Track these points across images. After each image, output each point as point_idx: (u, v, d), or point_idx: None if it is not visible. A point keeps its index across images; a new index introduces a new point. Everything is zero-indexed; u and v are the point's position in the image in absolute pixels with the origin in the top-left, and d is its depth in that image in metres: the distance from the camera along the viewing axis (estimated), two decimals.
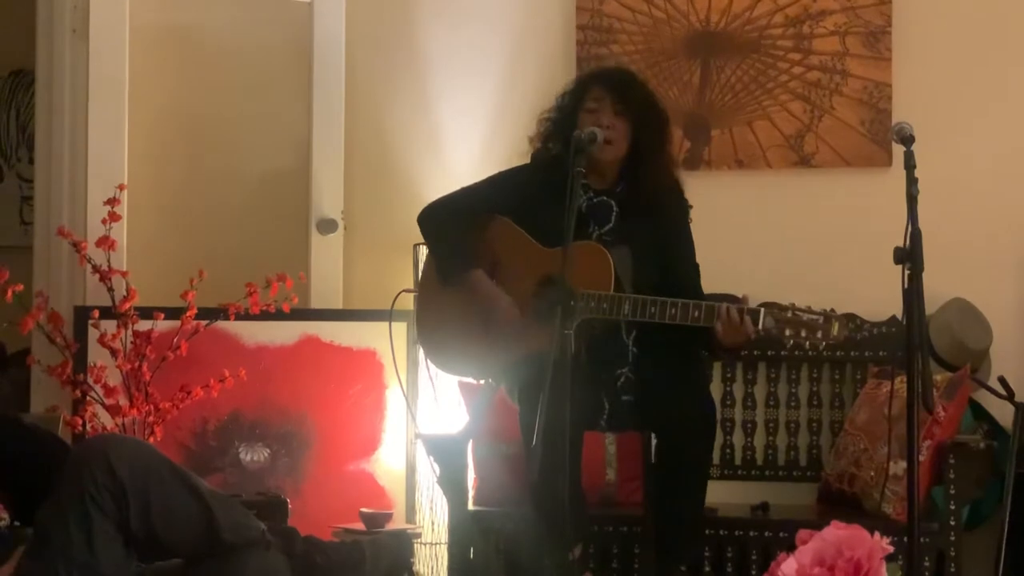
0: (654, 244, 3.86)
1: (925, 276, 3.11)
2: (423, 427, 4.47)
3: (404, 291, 4.28)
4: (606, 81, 3.92)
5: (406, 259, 4.65)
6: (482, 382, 4.15)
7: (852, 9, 4.65)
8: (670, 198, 3.93)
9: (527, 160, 4.03)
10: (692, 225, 3.98)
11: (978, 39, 4.63)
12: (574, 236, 3.33)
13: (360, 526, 4.30)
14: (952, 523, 3.86)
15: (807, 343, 3.57)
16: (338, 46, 4.88)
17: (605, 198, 3.89)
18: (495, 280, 3.87)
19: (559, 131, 3.91)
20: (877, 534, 1.70)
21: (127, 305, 4.40)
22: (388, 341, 4.26)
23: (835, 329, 3.55)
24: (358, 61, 4.92)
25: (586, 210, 3.83)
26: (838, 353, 4.43)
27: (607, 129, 3.78)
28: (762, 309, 3.59)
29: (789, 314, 3.56)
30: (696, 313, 3.62)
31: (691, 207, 3.97)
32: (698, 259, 3.96)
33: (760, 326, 3.58)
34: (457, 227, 3.92)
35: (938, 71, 4.64)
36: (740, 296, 3.70)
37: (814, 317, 3.56)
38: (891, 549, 1.68)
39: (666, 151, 3.95)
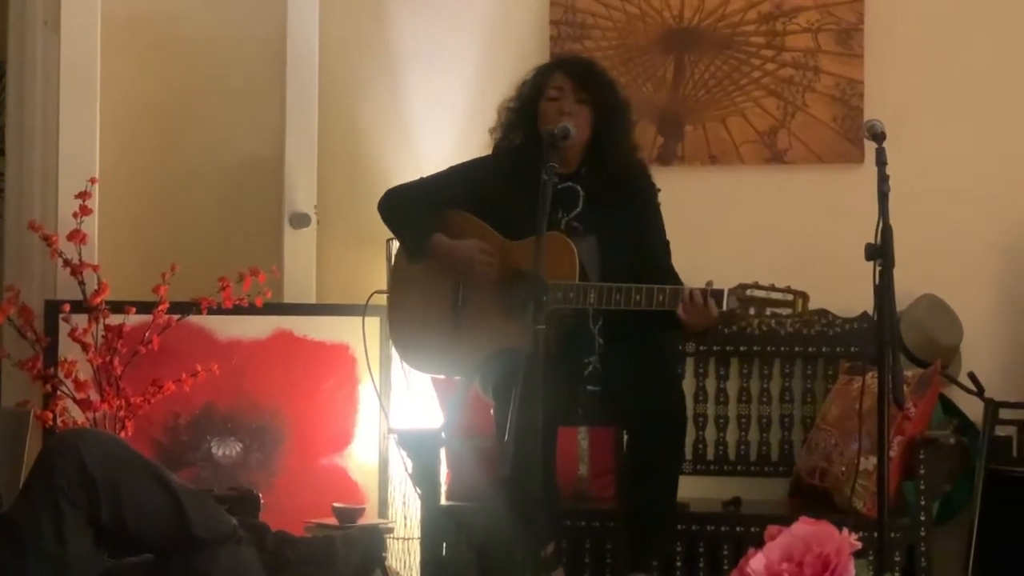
0: (622, 225, 3.87)
1: (896, 272, 3.13)
2: (396, 422, 4.47)
3: (376, 292, 4.28)
4: (567, 69, 3.94)
5: (379, 254, 4.65)
6: (456, 378, 4.15)
7: (824, 6, 4.67)
8: (635, 177, 3.95)
9: (492, 151, 4.05)
10: (665, 218, 3.99)
11: (949, 37, 4.65)
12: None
13: (332, 521, 4.29)
14: (923, 518, 3.88)
15: (773, 322, 3.59)
16: (312, 39, 4.86)
17: (571, 183, 3.90)
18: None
19: (520, 121, 3.93)
20: (846, 530, 1.71)
21: (98, 299, 4.39)
22: (361, 335, 4.26)
23: (799, 306, 3.57)
24: (332, 55, 4.91)
25: (553, 197, 3.83)
26: (810, 348, 4.45)
27: (568, 116, 3.79)
28: (725, 289, 3.61)
29: (752, 292, 3.58)
30: (661, 297, 3.62)
31: (659, 190, 3.98)
32: (671, 253, 3.97)
33: (724, 306, 3.59)
34: (417, 207, 3.94)
35: (910, 68, 4.66)
36: (706, 282, 3.71)
37: (778, 295, 3.57)
38: (859, 545, 1.69)
39: (628, 137, 3.96)
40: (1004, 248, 4.57)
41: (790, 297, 3.57)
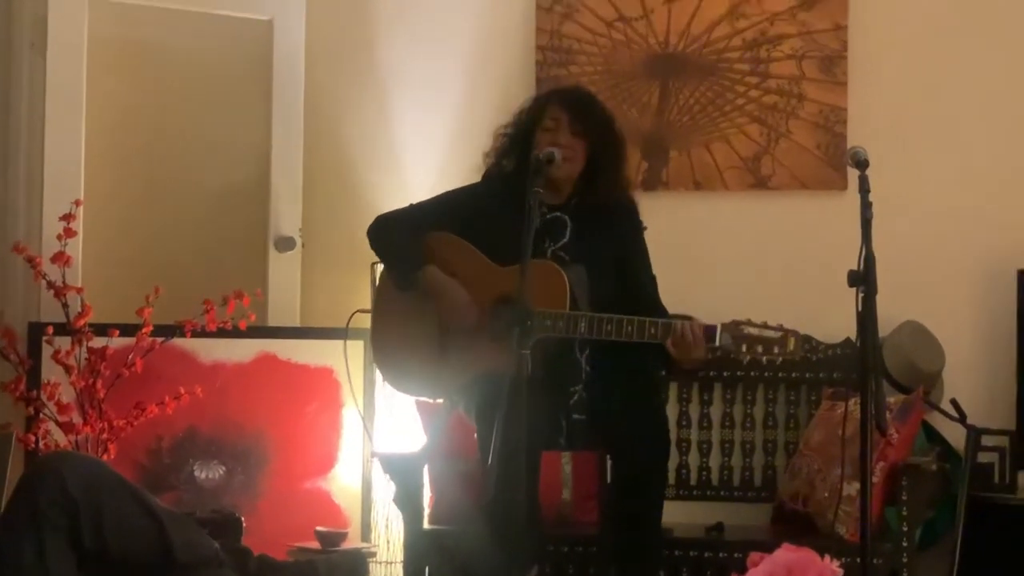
0: (610, 258, 3.88)
1: (879, 299, 3.14)
2: (379, 445, 4.47)
3: (359, 311, 4.28)
4: (564, 101, 3.94)
5: (364, 277, 4.65)
6: (439, 401, 4.15)
7: (808, 34, 4.69)
8: (623, 211, 3.96)
9: (481, 177, 4.05)
10: (649, 244, 4.00)
11: (932, 65, 4.68)
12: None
13: (315, 545, 4.28)
14: (905, 544, 3.89)
15: (764, 359, 3.60)
16: (298, 64, 4.87)
17: (559, 213, 3.91)
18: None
19: (514, 148, 3.94)
20: (827, 557, 1.71)
21: (82, 321, 4.38)
22: (345, 358, 4.26)
23: (791, 345, 3.58)
24: (318, 79, 4.92)
25: (540, 226, 3.83)
26: (793, 374, 4.47)
27: (564, 148, 3.80)
28: (718, 326, 3.61)
29: (745, 330, 3.58)
30: (652, 330, 3.63)
31: (645, 228, 3.99)
32: (655, 279, 3.99)
33: (717, 343, 3.60)
34: (406, 235, 3.94)
35: (893, 96, 4.69)
36: (687, 317, 3.71)
37: (770, 333, 3.58)
38: (840, 572, 1.69)
39: (621, 171, 3.97)
40: (986, 275, 4.59)
41: (782, 335, 3.58)
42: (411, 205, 4.05)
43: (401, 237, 3.95)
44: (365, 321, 4.22)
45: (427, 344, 3.89)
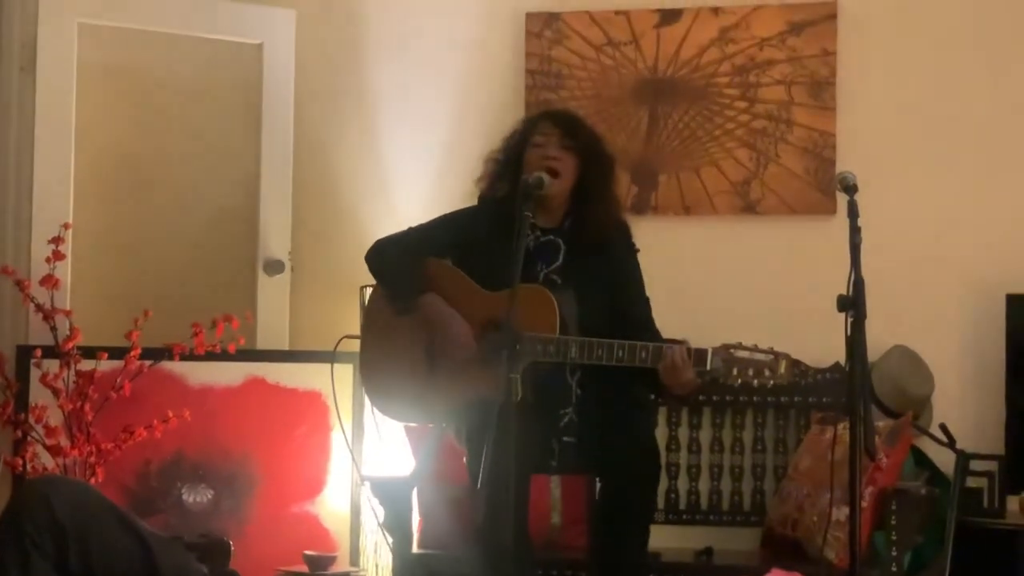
0: (602, 281, 3.87)
1: (868, 324, 3.15)
2: (368, 469, 4.46)
3: (346, 337, 4.28)
4: (553, 117, 3.96)
5: (353, 301, 4.65)
6: (429, 425, 4.14)
7: (797, 59, 4.71)
8: (616, 234, 3.96)
9: (475, 202, 4.05)
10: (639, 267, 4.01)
11: (921, 90, 4.70)
12: (521, 276, 3.34)
13: (304, 569, 4.27)
14: (894, 569, 3.88)
15: (755, 382, 3.60)
16: (287, 88, 4.89)
17: (552, 237, 3.91)
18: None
19: (506, 171, 3.94)
20: None
21: (70, 345, 4.37)
22: (333, 382, 4.26)
23: (782, 368, 3.58)
24: (307, 103, 4.93)
25: (533, 249, 3.84)
26: (782, 399, 4.47)
27: (554, 160, 3.81)
28: (709, 349, 3.62)
29: (736, 353, 3.59)
30: (643, 355, 3.63)
31: (638, 250, 3.99)
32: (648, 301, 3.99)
33: (708, 366, 3.60)
34: (405, 259, 3.94)
35: (882, 121, 4.70)
36: (680, 340, 3.71)
37: (761, 356, 3.59)
38: None
39: (612, 190, 3.97)
40: (975, 300, 4.60)
41: (772, 358, 3.58)
42: (409, 229, 4.04)
43: (400, 263, 3.94)
44: (353, 346, 4.21)
45: (415, 369, 3.89)
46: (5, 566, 2.82)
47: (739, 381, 3.62)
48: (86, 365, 4.39)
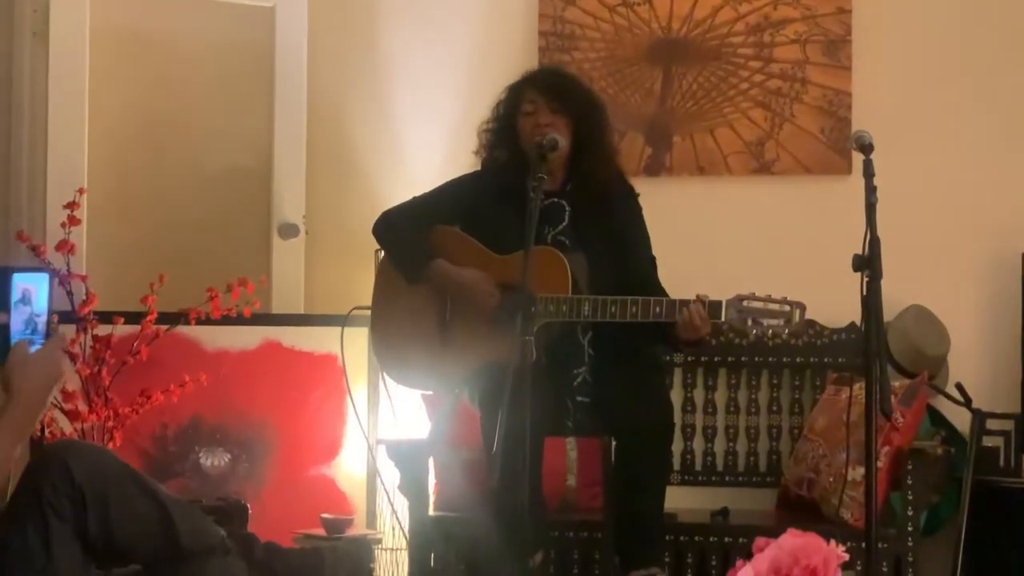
0: (608, 241, 3.88)
1: (883, 283, 3.14)
2: (384, 433, 4.47)
3: (356, 308, 4.28)
4: (537, 83, 3.96)
5: (368, 264, 4.64)
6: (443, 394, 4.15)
7: (812, 18, 4.69)
8: (619, 191, 3.96)
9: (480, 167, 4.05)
10: (652, 228, 4.00)
11: (936, 48, 4.67)
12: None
13: (321, 532, 4.29)
14: (910, 528, 3.89)
15: (770, 333, 3.60)
16: (300, 51, 4.87)
17: (556, 199, 3.90)
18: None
19: (502, 139, 3.94)
20: (833, 542, 1.71)
21: (86, 309, 4.38)
22: (346, 347, 4.26)
23: (796, 318, 3.59)
24: (320, 66, 4.92)
25: (539, 212, 3.83)
26: (798, 359, 4.47)
27: (547, 127, 3.80)
28: (723, 300, 3.62)
29: (750, 304, 3.59)
30: (657, 309, 3.64)
31: (638, 194, 3.98)
32: (659, 264, 3.98)
33: (722, 317, 3.61)
34: (413, 228, 3.94)
35: (897, 80, 4.68)
36: (698, 295, 3.72)
37: (775, 307, 3.59)
38: (846, 557, 1.69)
39: (607, 140, 3.97)
40: (991, 259, 4.59)
41: (787, 308, 3.59)
42: (413, 199, 4.05)
43: (408, 233, 3.96)
44: (365, 313, 4.21)
45: (428, 336, 3.90)
46: (25, 530, 2.83)
47: (754, 332, 3.63)
48: (103, 330, 4.40)
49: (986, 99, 4.63)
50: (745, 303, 3.61)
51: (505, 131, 3.93)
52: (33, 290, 2.62)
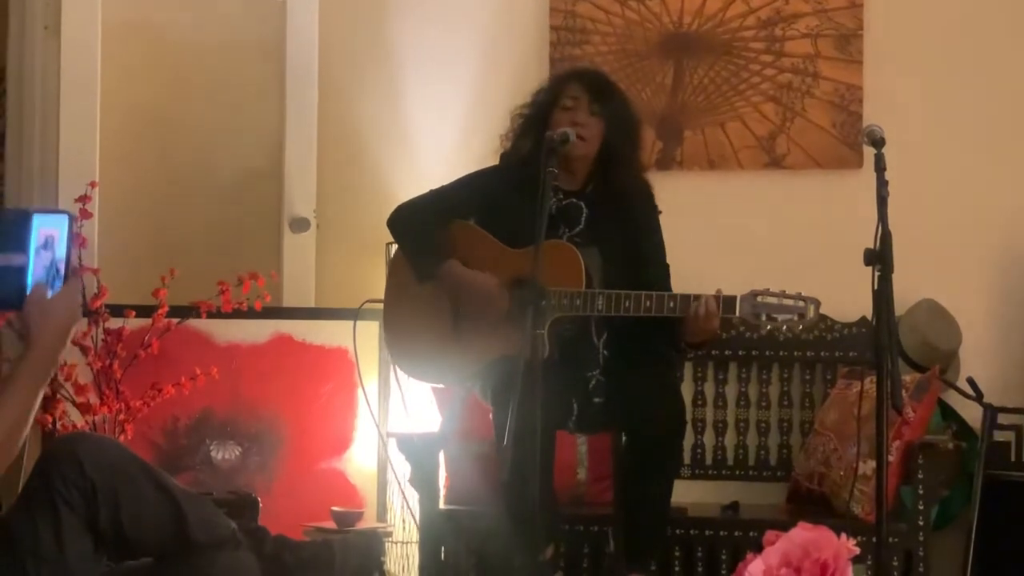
0: (623, 246, 3.87)
1: (895, 277, 3.14)
2: (395, 426, 4.48)
3: (368, 302, 4.28)
4: (585, 80, 3.94)
5: (379, 258, 4.65)
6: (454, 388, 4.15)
7: (824, 12, 4.68)
8: (639, 199, 3.95)
9: (499, 159, 4.04)
10: (664, 224, 3.99)
11: (948, 42, 4.66)
12: (544, 238, 3.34)
13: (331, 525, 4.30)
14: (920, 523, 3.89)
15: (784, 328, 3.60)
16: (311, 44, 4.87)
17: (575, 200, 3.90)
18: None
19: (532, 128, 3.92)
20: (844, 535, 1.71)
21: (98, 303, 4.39)
22: (358, 341, 4.26)
23: (811, 312, 3.59)
24: (331, 60, 4.92)
25: (556, 212, 3.83)
26: (808, 353, 4.46)
27: (580, 127, 3.79)
28: (738, 296, 3.62)
29: (764, 299, 3.59)
30: (671, 304, 3.64)
31: (660, 212, 3.98)
32: (670, 259, 3.98)
33: (736, 313, 3.61)
34: (427, 225, 3.93)
35: (909, 74, 4.67)
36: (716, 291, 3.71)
37: (789, 302, 3.59)
38: (857, 551, 1.69)
39: (637, 155, 3.96)
40: (1002, 253, 4.58)
41: (801, 304, 3.58)
42: (430, 192, 4.02)
43: (423, 229, 3.93)
44: (377, 307, 4.21)
45: (441, 330, 3.89)
46: (35, 522, 2.83)
47: (768, 327, 3.63)
48: (114, 323, 4.41)
49: (998, 92, 4.62)
50: (759, 298, 3.61)
51: (538, 119, 3.90)
52: (55, 235, 2.58)
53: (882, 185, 3.17)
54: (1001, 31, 4.63)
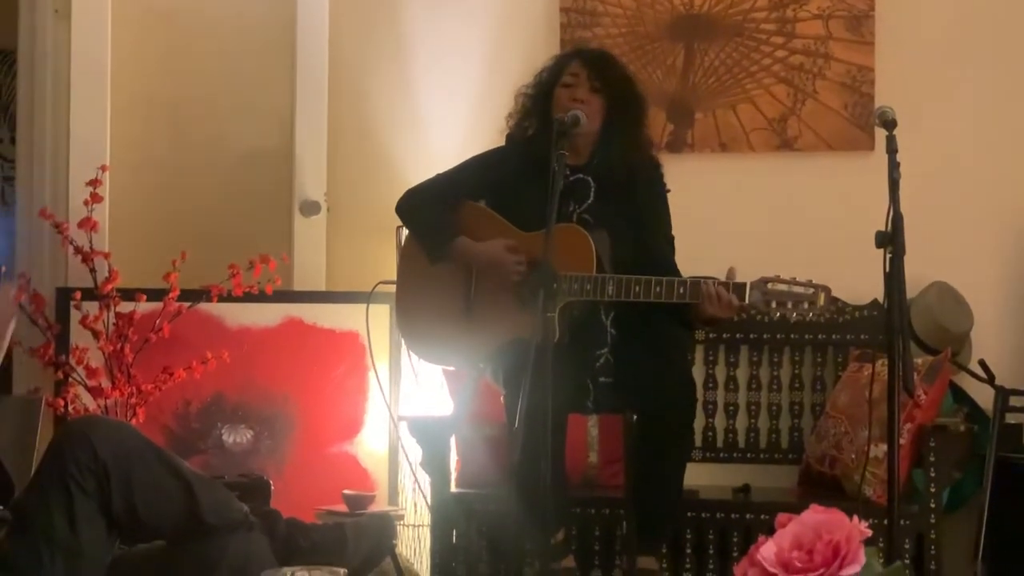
0: (631, 219, 3.87)
1: (907, 260, 3.13)
2: (406, 409, 4.48)
3: (381, 283, 4.28)
4: (584, 57, 3.94)
5: (389, 241, 4.65)
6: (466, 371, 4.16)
7: None
8: (645, 171, 3.94)
9: (505, 141, 4.04)
10: (674, 207, 3.98)
11: (960, 24, 4.64)
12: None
13: (343, 508, 4.30)
14: (932, 505, 3.88)
15: (794, 315, 3.59)
16: (322, 27, 4.86)
17: (582, 175, 3.90)
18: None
19: (535, 107, 3.93)
20: (856, 518, 1.71)
21: (109, 287, 4.40)
22: (372, 323, 4.26)
23: (821, 300, 3.58)
24: (342, 43, 4.91)
25: (564, 188, 3.81)
26: (820, 336, 4.46)
27: (581, 103, 3.79)
28: (748, 283, 3.61)
29: (774, 286, 3.58)
30: (681, 290, 3.63)
31: (669, 190, 3.97)
32: (680, 242, 3.98)
33: (746, 300, 3.60)
34: (436, 207, 3.94)
35: (921, 56, 4.65)
36: (728, 269, 3.70)
37: (799, 289, 3.58)
38: (869, 533, 1.68)
39: (641, 130, 3.95)
40: (1014, 236, 4.57)
41: (811, 291, 3.58)
42: (438, 176, 4.03)
43: (432, 212, 3.94)
44: (389, 289, 4.22)
45: (453, 312, 3.90)
46: (49, 506, 2.85)
47: (778, 314, 3.62)
48: (125, 307, 4.42)
49: (1010, 74, 4.61)
50: (770, 285, 3.60)
51: (541, 98, 3.91)
52: None
53: (894, 167, 3.17)
54: (1012, 12, 4.61)
